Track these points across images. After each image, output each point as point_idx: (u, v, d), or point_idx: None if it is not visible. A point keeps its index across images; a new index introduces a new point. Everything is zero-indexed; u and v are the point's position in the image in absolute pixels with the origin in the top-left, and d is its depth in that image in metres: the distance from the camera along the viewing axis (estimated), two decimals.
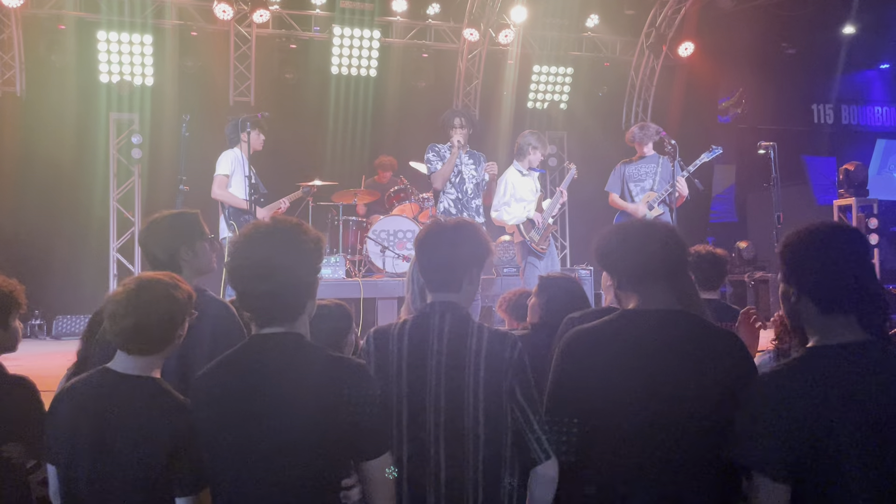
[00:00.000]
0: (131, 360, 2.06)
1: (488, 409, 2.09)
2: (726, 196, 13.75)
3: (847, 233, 1.90)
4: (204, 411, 1.88)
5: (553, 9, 10.10)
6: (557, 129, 10.79)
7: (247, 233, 1.93)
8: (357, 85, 9.83)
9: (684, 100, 10.83)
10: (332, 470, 1.85)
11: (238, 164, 6.12)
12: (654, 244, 2.10)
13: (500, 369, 2.10)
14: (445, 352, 2.12)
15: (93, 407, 1.99)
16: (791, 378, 1.79)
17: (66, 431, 2.01)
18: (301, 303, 1.92)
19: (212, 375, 1.91)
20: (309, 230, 1.97)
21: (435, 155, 6.08)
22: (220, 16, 8.77)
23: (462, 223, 2.32)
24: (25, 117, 8.64)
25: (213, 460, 1.86)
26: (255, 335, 1.91)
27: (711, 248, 3.70)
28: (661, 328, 2.03)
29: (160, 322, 2.04)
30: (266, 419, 1.80)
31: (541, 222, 6.34)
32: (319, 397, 1.81)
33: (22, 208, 8.49)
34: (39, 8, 8.64)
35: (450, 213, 6.02)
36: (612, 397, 1.99)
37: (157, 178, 8.65)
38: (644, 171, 6.48)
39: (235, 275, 1.90)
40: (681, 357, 1.98)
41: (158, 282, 2.09)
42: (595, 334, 2.13)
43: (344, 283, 7.20)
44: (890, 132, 14.36)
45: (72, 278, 8.45)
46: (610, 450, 1.98)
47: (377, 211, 8.37)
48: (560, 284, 3.23)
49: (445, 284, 2.23)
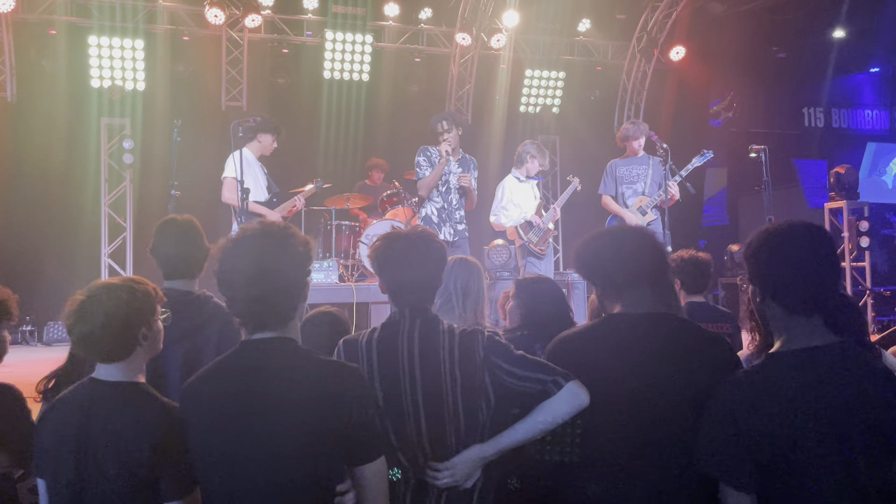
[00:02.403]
0: (107, 367, 2.04)
1: (467, 409, 2.08)
2: (718, 199, 13.81)
3: (810, 233, 1.83)
4: (195, 417, 1.87)
5: (545, 13, 10.13)
6: (549, 133, 10.81)
7: (235, 238, 1.92)
8: (349, 89, 9.85)
9: (676, 104, 10.89)
10: (326, 475, 1.83)
11: (247, 165, 6.09)
12: (634, 250, 2.10)
13: (474, 364, 2.09)
14: (418, 358, 2.10)
15: (75, 417, 1.97)
16: (750, 386, 1.75)
17: (51, 444, 1.99)
18: (291, 307, 1.91)
19: (204, 381, 1.90)
20: (297, 234, 1.95)
21: (425, 160, 6.02)
22: (211, 20, 8.75)
23: (424, 236, 2.24)
24: (16, 123, 8.62)
25: (204, 466, 1.85)
26: (247, 341, 1.90)
27: (695, 253, 3.72)
28: (647, 330, 2.03)
29: (112, 328, 1.98)
30: (259, 425, 1.78)
31: (539, 224, 6.44)
32: (312, 402, 1.80)
33: (13, 213, 8.46)
34: (30, 13, 8.61)
35: (431, 221, 6.00)
36: (602, 400, 1.99)
37: (149, 184, 8.63)
38: (636, 173, 6.49)
39: (225, 280, 1.88)
40: (669, 358, 1.98)
41: (107, 287, 2.04)
42: (580, 339, 2.13)
43: (337, 287, 7.18)
44: (880, 135, 14.44)
45: (63, 284, 8.38)
46: (601, 453, 1.98)
47: (369, 215, 8.36)
48: (538, 286, 3.18)
49: (418, 302, 2.19)
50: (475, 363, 2.10)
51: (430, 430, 2.08)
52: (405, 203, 7.90)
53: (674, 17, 10.41)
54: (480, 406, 2.11)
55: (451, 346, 2.11)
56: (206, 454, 1.84)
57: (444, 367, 2.09)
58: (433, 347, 2.12)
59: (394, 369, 2.11)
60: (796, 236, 1.82)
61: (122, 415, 1.94)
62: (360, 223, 8.03)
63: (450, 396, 2.08)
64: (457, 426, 2.07)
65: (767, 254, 1.82)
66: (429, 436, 2.08)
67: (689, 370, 1.95)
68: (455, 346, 2.11)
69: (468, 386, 2.09)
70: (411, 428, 2.08)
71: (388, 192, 8.09)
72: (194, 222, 2.97)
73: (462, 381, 2.09)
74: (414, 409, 2.08)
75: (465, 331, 2.18)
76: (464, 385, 2.09)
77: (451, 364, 2.09)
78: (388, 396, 2.10)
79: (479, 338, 2.13)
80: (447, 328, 2.16)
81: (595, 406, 1.99)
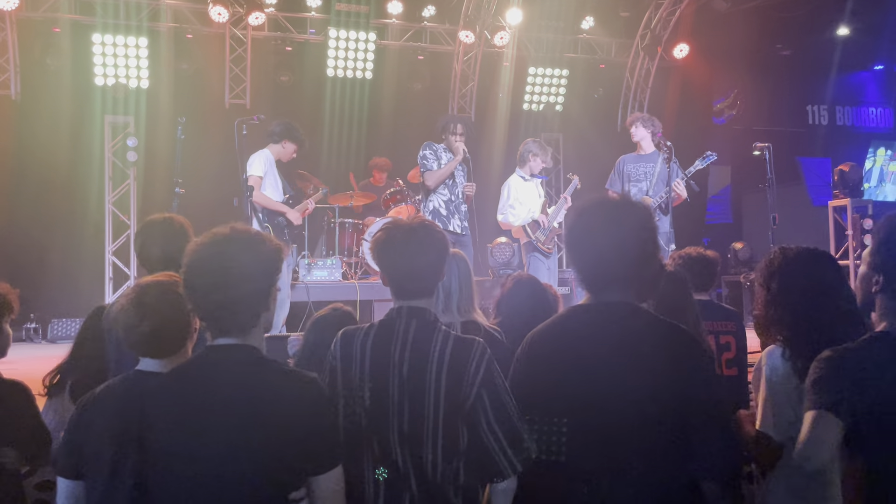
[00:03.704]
0: (155, 362, 2.08)
1: (449, 420, 2.04)
2: (722, 197, 13.78)
3: None
4: (156, 420, 1.84)
5: (548, 11, 10.11)
6: (553, 131, 10.81)
7: (202, 241, 1.87)
8: (353, 87, 9.83)
9: (679, 101, 10.86)
10: (281, 485, 1.81)
11: (270, 166, 6.15)
12: (608, 248, 1.99)
13: (462, 379, 2.05)
14: (408, 359, 2.08)
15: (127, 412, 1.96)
16: (864, 351, 1.92)
17: (105, 440, 1.98)
18: (255, 314, 1.87)
19: (165, 385, 1.89)
20: (267, 239, 1.92)
21: (432, 153, 6.09)
22: (215, 18, 8.75)
23: (425, 224, 2.21)
24: (20, 120, 8.62)
25: (161, 469, 1.81)
26: (208, 346, 1.88)
27: (702, 251, 3.69)
28: (607, 322, 1.98)
29: (174, 322, 2.07)
30: (213, 431, 1.76)
31: (546, 223, 6.50)
32: (268, 411, 1.78)
33: (17, 211, 8.47)
34: (34, 11, 8.62)
35: (439, 213, 6.06)
36: (566, 395, 1.96)
37: (153, 181, 8.63)
38: (642, 171, 6.48)
39: (188, 284, 1.85)
40: (621, 352, 1.93)
41: (160, 284, 2.10)
42: (545, 333, 2.09)
43: (340, 285, 7.19)
44: (884, 133, 14.41)
45: (67, 281, 8.43)
46: (574, 450, 1.95)
47: (373, 213, 8.37)
48: (523, 284, 3.16)
49: (419, 293, 2.17)
50: (463, 379, 2.05)
51: (410, 438, 2.04)
52: (408, 201, 7.90)
53: (677, 14, 10.39)
54: (460, 428, 2.06)
55: (441, 352, 2.07)
56: (163, 457, 1.81)
57: (430, 376, 2.05)
58: (425, 349, 2.08)
59: (384, 371, 2.08)
60: None
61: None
62: (363, 222, 8.04)
63: (431, 406, 2.04)
64: (434, 440, 2.04)
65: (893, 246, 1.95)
66: (409, 442, 2.04)
67: (645, 366, 1.90)
68: (447, 352, 2.07)
69: (451, 398, 2.05)
70: (393, 431, 2.05)
71: (391, 190, 8.10)
72: (183, 222, 2.93)
73: (446, 391, 2.04)
74: (399, 411, 2.05)
75: (460, 338, 2.13)
76: (447, 395, 2.05)
77: (439, 372, 2.05)
78: (375, 396, 2.07)
79: (475, 354, 2.07)
80: (443, 333, 2.12)
81: (563, 402, 1.96)
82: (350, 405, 2.09)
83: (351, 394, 2.09)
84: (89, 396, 2.09)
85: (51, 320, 8.32)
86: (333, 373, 2.14)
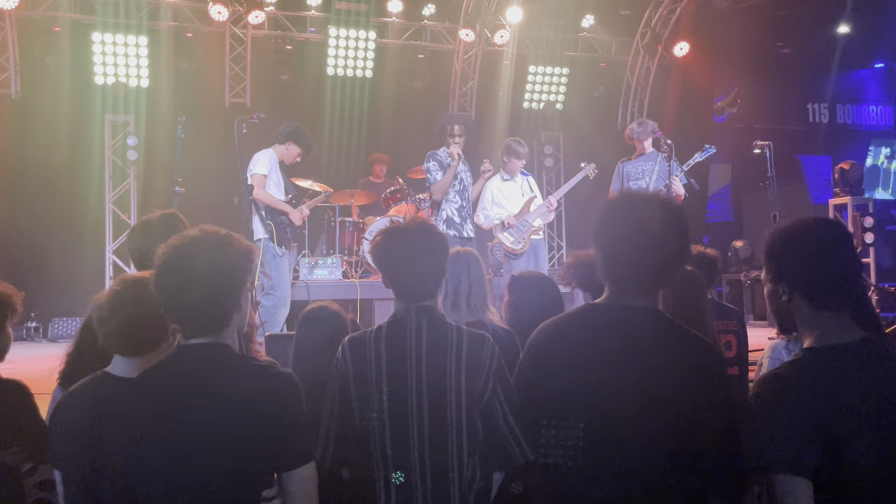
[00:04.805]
0: (126, 361, 2.05)
1: (470, 415, 2.07)
2: (722, 195, 13.78)
3: (833, 226, 1.83)
4: (108, 431, 1.83)
5: (548, 9, 10.11)
6: (553, 130, 10.80)
7: (172, 242, 1.87)
8: (353, 86, 9.83)
9: (680, 100, 10.86)
10: (254, 482, 1.80)
11: (274, 165, 6.15)
12: (639, 254, 1.91)
13: (478, 373, 2.08)
14: (426, 358, 2.08)
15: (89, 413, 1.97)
16: (800, 377, 1.72)
17: (75, 438, 1.98)
18: (226, 315, 1.86)
19: (140, 384, 1.88)
20: (238, 241, 1.90)
21: (436, 164, 6.04)
22: (215, 17, 8.75)
23: (423, 228, 2.21)
24: (20, 119, 8.62)
25: (134, 468, 1.79)
26: (180, 346, 1.87)
27: (703, 249, 3.68)
28: (620, 324, 1.92)
29: (145, 319, 2.02)
30: (186, 429, 1.75)
31: (512, 223, 6.37)
32: (240, 408, 1.77)
33: (17, 211, 8.47)
34: (34, 10, 8.61)
35: (453, 222, 6.01)
36: (581, 397, 1.91)
37: (153, 180, 8.64)
38: (641, 170, 6.48)
39: (158, 285, 1.84)
40: (628, 354, 1.88)
41: (141, 280, 2.07)
42: (554, 330, 2.04)
43: (341, 283, 7.20)
44: (884, 131, 14.41)
45: (68, 281, 8.43)
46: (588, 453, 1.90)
47: (374, 212, 8.37)
48: (532, 282, 3.12)
49: (423, 295, 2.17)
50: (480, 372, 2.08)
51: (432, 437, 2.05)
52: (409, 199, 7.90)
53: (678, 12, 10.38)
54: (478, 421, 2.08)
55: (458, 348, 2.09)
56: (137, 455, 1.79)
57: (450, 372, 2.07)
58: (442, 347, 2.09)
59: (402, 369, 2.08)
60: (817, 231, 1.81)
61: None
62: (363, 221, 8.04)
63: (453, 402, 2.06)
64: (459, 436, 2.05)
65: (793, 251, 1.80)
66: (430, 441, 2.05)
67: (651, 370, 1.85)
68: (463, 348, 2.10)
69: (471, 392, 2.07)
70: (413, 431, 2.05)
71: (391, 189, 8.10)
72: (174, 220, 2.90)
73: (467, 386, 2.07)
74: (418, 411, 2.06)
75: (472, 333, 2.15)
76: (468, 390, 2.07)
77: (458, 368, 2.07)
78: (393, 397, 2.07)
79: (487, 348, 2.12)
80: (455, 328, 2.14)
81: (578, 405, 1.92)
82: (365, 410, 2.08)
83: (367, 398, 2.09)
84: (63, 395, 2.11)
85: (51, 319, 8.32)
86: (344, 379, 2.13)
